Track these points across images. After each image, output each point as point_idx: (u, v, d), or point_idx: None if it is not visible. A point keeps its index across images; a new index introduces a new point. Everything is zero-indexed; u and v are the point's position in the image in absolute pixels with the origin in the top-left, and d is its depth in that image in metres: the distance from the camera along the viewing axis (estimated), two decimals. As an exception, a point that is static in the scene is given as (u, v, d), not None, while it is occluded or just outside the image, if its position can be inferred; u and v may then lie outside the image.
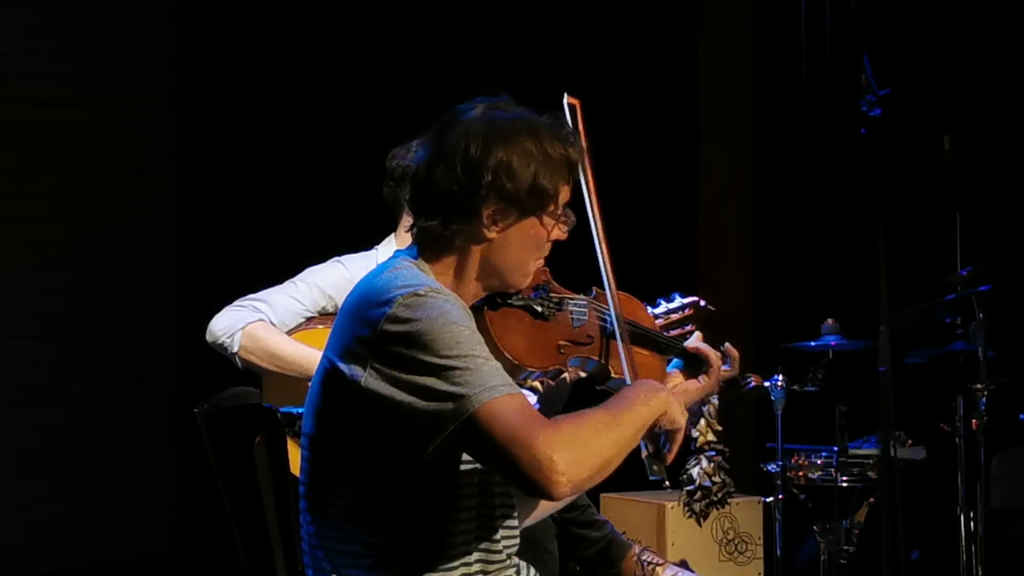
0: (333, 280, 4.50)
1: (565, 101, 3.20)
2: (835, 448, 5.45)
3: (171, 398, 7.56)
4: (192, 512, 7.50)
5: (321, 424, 2.96)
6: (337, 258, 4.56)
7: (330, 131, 7.37)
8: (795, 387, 5.35)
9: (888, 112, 4.75)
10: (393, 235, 4.57)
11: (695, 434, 4.28)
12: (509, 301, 3.07)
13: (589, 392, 3.45)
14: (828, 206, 6.82)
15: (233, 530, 3.62)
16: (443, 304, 2.82)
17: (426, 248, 2.99)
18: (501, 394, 2.75)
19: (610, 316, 3.23)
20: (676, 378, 3.41)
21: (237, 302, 4.48)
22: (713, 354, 3.39)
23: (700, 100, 7.18)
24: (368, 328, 2.84)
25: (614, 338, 3.23)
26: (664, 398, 2.91)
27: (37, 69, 7.29)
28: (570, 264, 3.27)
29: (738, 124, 7.11)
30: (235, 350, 4.42)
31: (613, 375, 3.24)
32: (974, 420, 5.44)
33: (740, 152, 7.10)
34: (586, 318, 3.21)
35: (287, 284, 4.51)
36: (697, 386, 3.40)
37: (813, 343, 5.47)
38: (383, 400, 2.83)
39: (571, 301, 3.21)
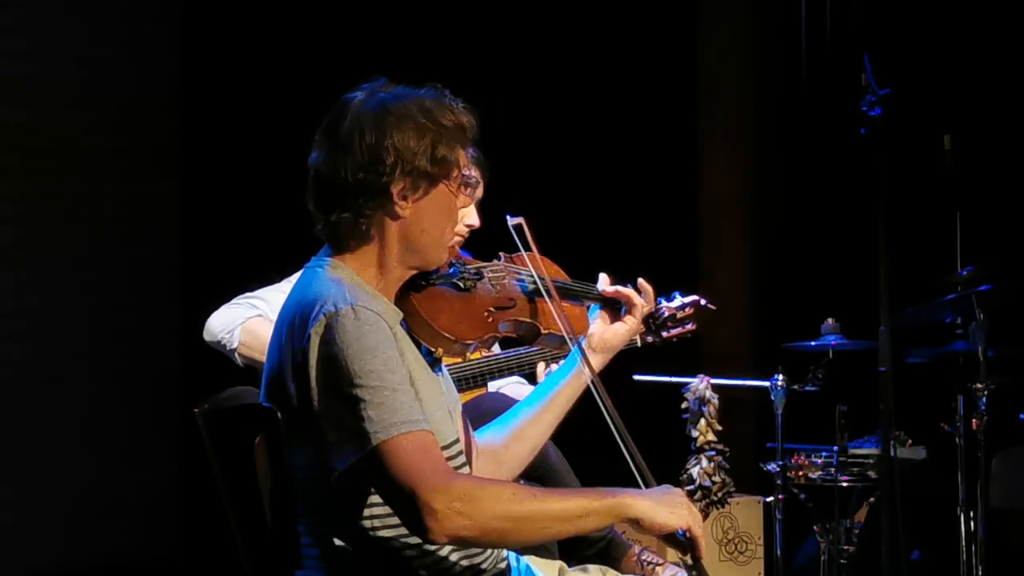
0: (328, 279, 4.52)
1: (510, 223, 3.30)
2: (835, 448, 5.45)
3: (171, 398, 7.55)
4: (192, 512, 7.49)
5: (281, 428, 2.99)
6: None
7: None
8: (795, 387, 5.35)
9: (888, 112, 4.75)
10: None
11: (695, 434, 4.28)
12: (431, 280, 3.13)
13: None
14: (828, 206, 6.81)
15: (233, 530, 3.62)
16: (361, 326, 2.84)
17: (340, 244, 3.01)
18: (402, 431, 2.77)
19: (528, 275, 3.32)
20: (600, 323, 3.46)
21: (233, 300, 4.50)
22: (631, 293, 3.45)
23: (700, 100, 7.18)
24: (296, 343, 2.89)
25: (538, 295, 3.32)
26: (627, 502, 2.86)
27: (37, 69, 7.29)
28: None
29: (738, 124, 7.11)
30: (234, 346, 4.43)
31: (543, 331, 3.32)
32: (974, 420, 5.44)
33: (740, 152, 7.10)
34: (505, 282, 3.30)
35: (283, 282, 4.53)
36: (625, 327, 3.45)
37: (813, 343, 5.47)
38: (306, 418, 2.88)
39: (487, 268, 3.30)
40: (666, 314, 3.64)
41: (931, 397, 5.65)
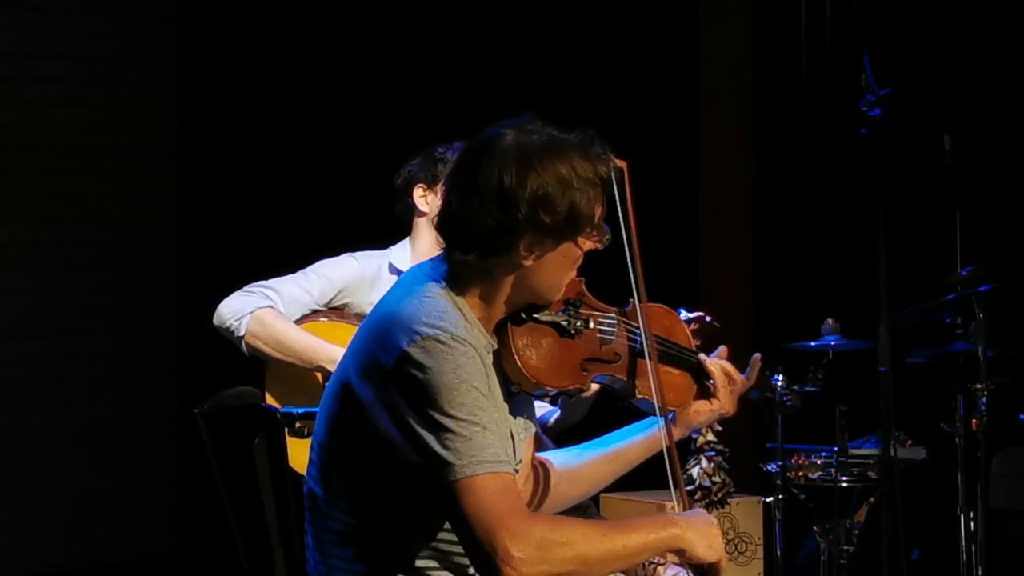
0: (344, 273, 4.52)
1: (613, 163, 3.06)
2: (835, 448, 5.45)
3: (171, 398, 7.56)
4: (192, 512, 7.50)
5: (330, 433, 2.95)
6: (350, 253, 4.58)
7: (330, 130, 7.36)
8: (795, 387, 5.34)
9: (888, 112, 4.75)
10: (407, 239, 4.58)
11: (695, 434, 4.27)
12: (535, 316, 3.01)
13: (613, 409, 3.40)
14: (828, 206, 6.81)
15: (233, 530, 3.62)
16: (459, 357, 2.80)
17: (458, 277, 2.94)
18: (486, 471, 2.75)
19: (639, 334, 3.14)
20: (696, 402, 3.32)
21: (247, 287, 4.49)
22: (722, 377, 3.29)
23: (700, 100, 7.18)
24: (386, 356, 2.83)
25: (642, 357, 3.14)
26: (678, 534, 2.87)
27: (37, 69, 7.29)
28: (604, 275, 3.18)
29: (738, 123, 7.10)
30: (241, 334, 4.43)
31: (639, 395, 3.16)
32: (974, 420, 5.43)
33: (740, 152, 7.10)
34: (614, 337, 3.13)
35: (298, 274, 4.52)
36: (708, 408, 3.30)
37: (813, 343, 5.46)
38: (383, 433, 2.84)
39: (601, 318, 3.12)
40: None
41: (931, 397, 5.65)
